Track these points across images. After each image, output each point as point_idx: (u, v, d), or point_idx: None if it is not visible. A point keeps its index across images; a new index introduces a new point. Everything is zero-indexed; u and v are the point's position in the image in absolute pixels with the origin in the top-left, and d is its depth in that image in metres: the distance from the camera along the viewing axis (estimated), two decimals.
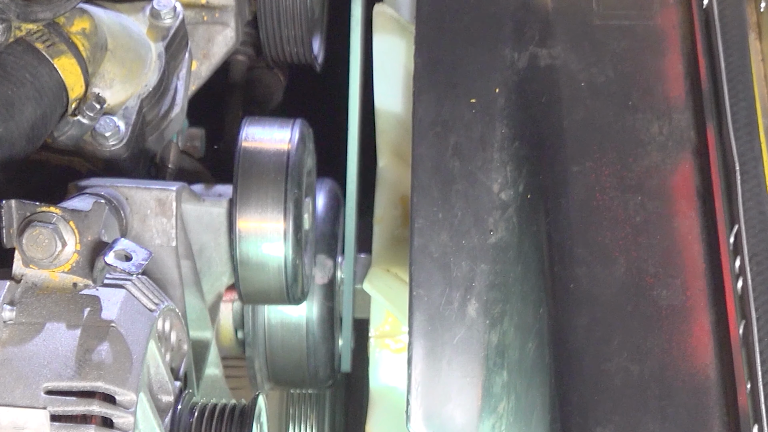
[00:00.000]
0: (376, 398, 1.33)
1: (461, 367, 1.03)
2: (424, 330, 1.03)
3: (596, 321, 1.01)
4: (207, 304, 1.27)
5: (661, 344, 0.99)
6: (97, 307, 0.91)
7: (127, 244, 0.91)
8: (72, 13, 1.16)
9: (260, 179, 1.21)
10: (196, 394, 1.06)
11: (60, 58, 1.14)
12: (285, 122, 1.27)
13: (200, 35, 1.42)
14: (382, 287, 1.31)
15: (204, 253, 1.24)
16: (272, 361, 1.42)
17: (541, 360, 1.02)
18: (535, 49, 1.12)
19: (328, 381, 1.47)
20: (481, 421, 1.02)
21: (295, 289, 1.25)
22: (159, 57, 1.27)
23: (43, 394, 0.86)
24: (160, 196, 1.15)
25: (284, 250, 1.21)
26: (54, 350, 0.88)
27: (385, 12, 1.35)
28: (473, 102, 1.09)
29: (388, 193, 1.35)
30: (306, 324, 1.41)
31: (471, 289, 1.04)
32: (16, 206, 0.92)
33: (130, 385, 0.87)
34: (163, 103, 1.29)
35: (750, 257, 0.99)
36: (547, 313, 1.03)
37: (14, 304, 0.90)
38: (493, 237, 1.04)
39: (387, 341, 1.33)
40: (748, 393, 0.96)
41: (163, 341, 1.01)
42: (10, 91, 1.09)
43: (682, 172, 1.06)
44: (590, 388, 0.99)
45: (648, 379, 0.98)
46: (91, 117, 1.18)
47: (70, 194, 1.12)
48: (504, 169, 1.07)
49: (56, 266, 0.92)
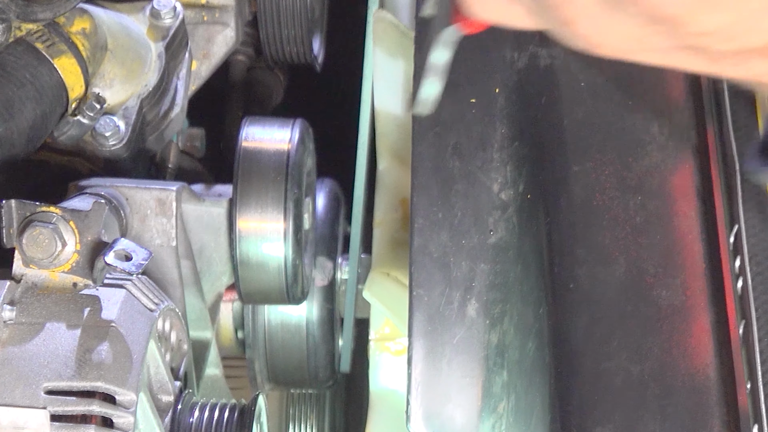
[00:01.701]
0: (376, 401, 1.33)
1: (461, 367, 1.03)
2: (424, 330, 1.03)
3: (596, 321, 1.01)
4: (207, 304, 1.27)
5: (661, 344, 0.99)
6: (97, 307, 0.91)
7: (127, 244, 0.91)
8: (72, 13, 1.16)
9: (260, 179, 1.21)
10: (196, 394, 1.06)
11: (60, 58, 1.14)
12: (285, 122, 1.27)
13: (200, 35, 1.42)
14: (381, 294, 1.31)
15: (204, 253, 1.24)
16: (272, 362, 1.42)
17: (541, 360, 1.02)
18: (535, 49, 1.12)
19: (328, 381, 1.47)
20: (481, 421, 1.02)
21: (295, 289, 1.25)
22: (159, 57, 1.27)
23: (43, 394, 0.86)
24: (160, 196, 1.15)
25: (284, 250, 1.21)
26: (54, 350, 0.88)
27: (385, 18, 1.35)
28: (473, 102, 1.09)
29: (388, 196, 1.35)
30: (306, 325, 1.41)
31: (471, 289, 1.04)
32: (16, 206, 0.92)
33: (130, 385, 0.87)
34: (163, 103, 1.29)
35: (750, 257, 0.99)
36: (547, 313, 1.03)
37: (14, 304, 0.91)
38: (493, 237, 1.04)
39: (387, 344, 1.33)
40: (748, 393, 0.96)
41: (163, 341, 1.01)
42: (10, 91, 1.09)
43: (682, 172, 1.06)
44: (590, 388, 0.99)
45: (648, 379, 0.98)
46: (91, 117, 1.18)
47: (70, 194, 1.12)
48: (504, 169, 1.07)
49: (56, 266, 0.92)
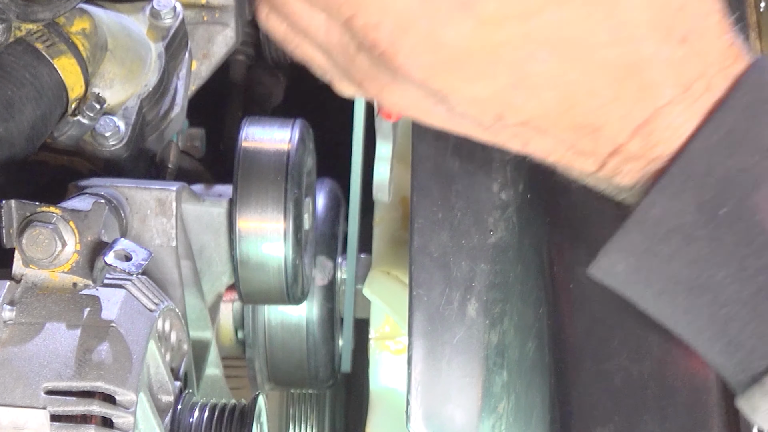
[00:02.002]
0: (376, 400, 1.33)
1: (461, 367, 1.03)
2: (424, 330, 1.03)
3: (596, 321, 1.01)
4: (207, 304, 1.27)
5: (661, 344, 0.99)
6: (97, 307, 0.91)
7: (127, 244, 0.91)
8: (72, 13, 1.16)
9: (260, 179, 1.21)
10: (196, 394, 1.06)
11: (60, 58, 1.14)
12: (285, 122, 1.27)
13: (200, 35, 1.42)
14: (381, 291, 1.31)
15: (204, 253, 1.24)
16: (272, 362, 1.42)
17: (541, 360, 1.02)
18: None
19: (328, 381, 1.48)
20: (481, 421, 1.02)
21: (296, 289, 1.25)
22: (159, 57, 1.27)
23: (43, 394, 0.86)
24: (160, 196, 1.15)
25: (284, 250, 1.21)
26: (54, 350, 0.88)
27: None
28: None
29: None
30: (306, 325, 1.41)
31: (471, 288, 1.04)
32: (16, 206, 0.92)
33: (130, 385, 0.87)
34: (163, 103, 1.29)
35: None
36: (547, 313, 1.03)
37: (14, 304, 0.90)
38: (493, 237, 1.04)
39: (387, 343, 1.33)
40: None
41: (163, 341, 1.01)
42: (10, 91, 1.09)
43: None
44: (590, 388, 0.99)
45: (648, 379, 0.98)
46: (91, 117, 1.18)
47: (70, 194, 1.12)
48: (504, 169, 1.07)
49: (56, 266, 0.92)
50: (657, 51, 0.65)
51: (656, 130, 0.67)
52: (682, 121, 0.67)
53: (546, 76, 0.64)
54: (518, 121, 0.67)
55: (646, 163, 0.68)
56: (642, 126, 0.67)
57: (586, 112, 0.66)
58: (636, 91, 0.66)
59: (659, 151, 0.68)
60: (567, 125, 0.67)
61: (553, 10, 0.62)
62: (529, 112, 0.66)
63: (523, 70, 0.64)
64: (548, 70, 0.64)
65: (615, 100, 0.66)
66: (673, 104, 0.66)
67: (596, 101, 0.66)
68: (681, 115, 0.67)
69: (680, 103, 0.66)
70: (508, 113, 0.66)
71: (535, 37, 0.63)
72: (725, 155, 0.65)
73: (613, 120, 0.67)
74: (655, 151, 0.68)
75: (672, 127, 0.67)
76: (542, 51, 0.63)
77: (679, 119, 0.67)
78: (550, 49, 0.63)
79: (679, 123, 0.67)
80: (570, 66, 0.64)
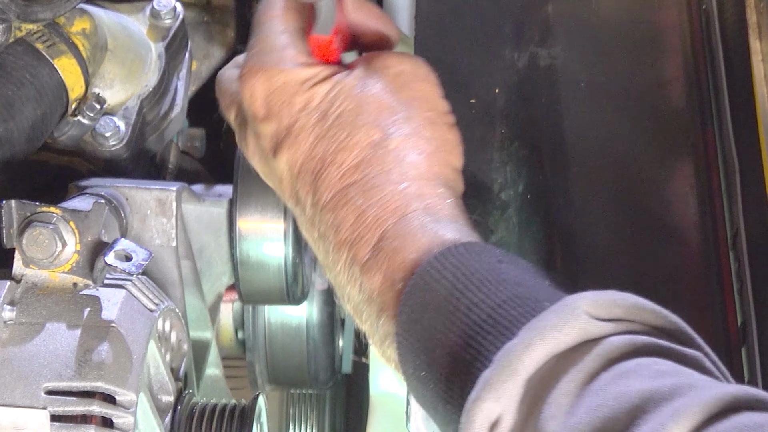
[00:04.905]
0: (376, 404, 1.32)
1: None
2: None
3: None
4: (207, 304, 1.27)
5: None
6: (97, 307, 0.91)
7: (127, 244, 0.91)
8: (72, 13, 1.16)
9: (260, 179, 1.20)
10: (196, 394, 1.06)
11: (60, 58, 1.14)
12: None
13: (200, 35, 1.42)
14: None
15: (204, 253, 1.24)
16: (273, 364, 1.42)
17: None
18: (535, 49, 1.12)
19: (328, 382, 1.47)
20: None
21: (296, 288, 1.25)
22: (159, 57, 1.27)
23: (43, 394, 0.86)
24: (160, 196, 1.15)
25: (284, 250, 1.21)
26: (54, 350, 0.88)
27: None
28: (473, 102, 1.09)
29: None
30: (307, 326, 1.41)
31: None
32: (16, 206, 0.92)
33: (130, 385, 0.87)
34: (163, 103, 1.29)
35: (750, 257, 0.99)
36: None
37: (14, 304, 0.91)
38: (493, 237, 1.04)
39: None
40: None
41: (163, 341, 1.01)
42: (10, 92, 1.09)
43: (682, 172, 1.06)
44: None
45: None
46: (91, 117, 1.18)
47: (70, 194, 1.12)
48: (504, 169, 1.07)
49: (56, 266, 0.92)
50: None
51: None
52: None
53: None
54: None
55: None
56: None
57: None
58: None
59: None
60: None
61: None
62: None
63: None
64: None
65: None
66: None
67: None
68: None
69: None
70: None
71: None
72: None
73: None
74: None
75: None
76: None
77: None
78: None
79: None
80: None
